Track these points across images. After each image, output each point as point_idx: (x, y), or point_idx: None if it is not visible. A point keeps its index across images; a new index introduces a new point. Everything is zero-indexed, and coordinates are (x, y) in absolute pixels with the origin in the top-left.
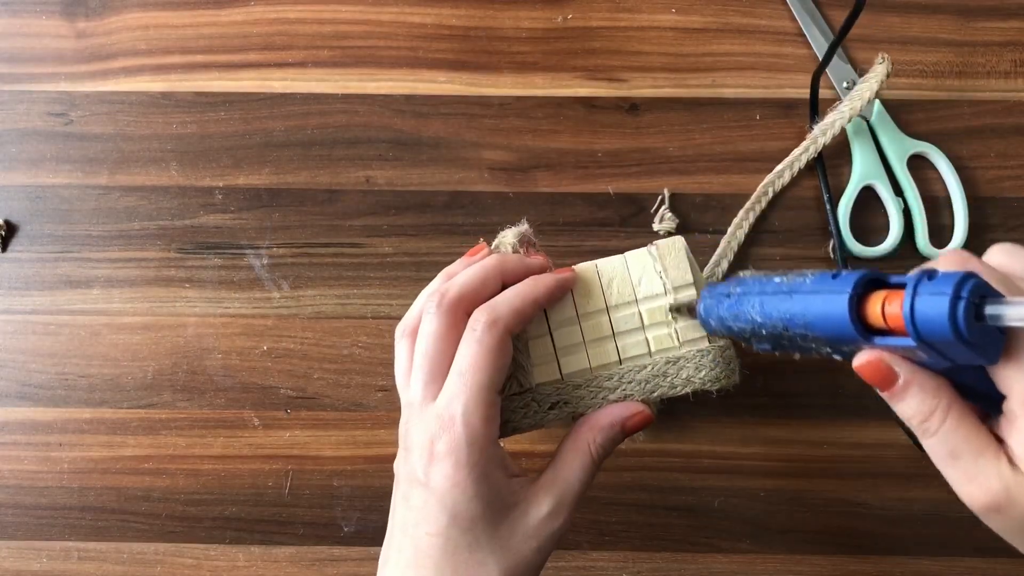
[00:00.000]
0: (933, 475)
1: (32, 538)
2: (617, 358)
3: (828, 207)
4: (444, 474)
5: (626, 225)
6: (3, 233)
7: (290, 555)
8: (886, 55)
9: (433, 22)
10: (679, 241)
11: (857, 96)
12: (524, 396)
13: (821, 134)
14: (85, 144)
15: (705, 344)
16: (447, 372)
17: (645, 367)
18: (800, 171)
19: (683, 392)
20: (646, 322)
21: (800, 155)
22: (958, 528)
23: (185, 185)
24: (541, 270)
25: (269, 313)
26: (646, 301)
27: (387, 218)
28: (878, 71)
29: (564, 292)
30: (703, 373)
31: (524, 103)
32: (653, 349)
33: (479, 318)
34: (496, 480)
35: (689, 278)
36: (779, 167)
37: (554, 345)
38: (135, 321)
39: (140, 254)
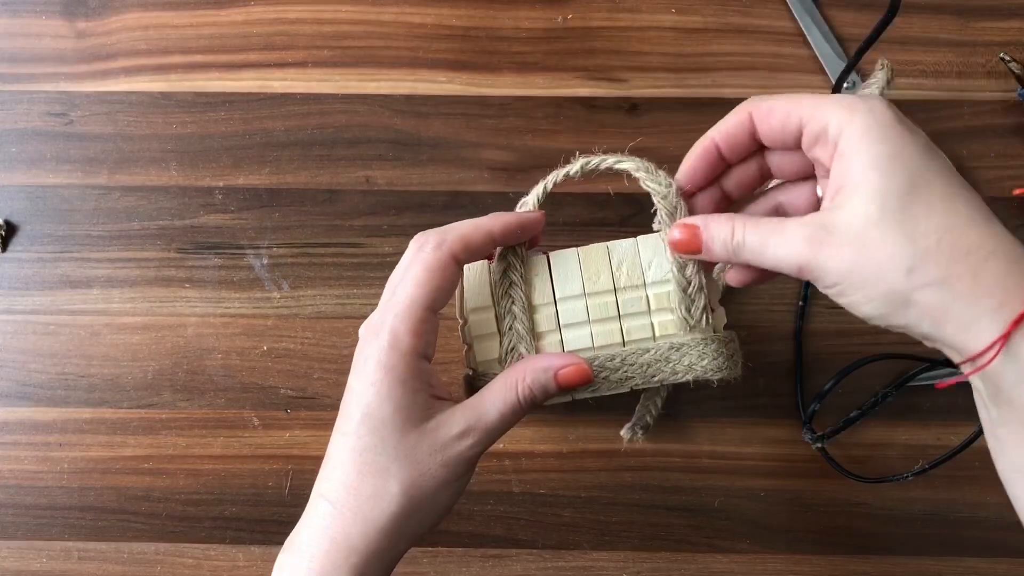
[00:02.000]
0: (933, 475)
1: (32, 538)
2: (621, 339)
3: None
4: (362, 375)
5: (626, 225)
6: (3, 233)
7: None
8: (887, 61)
9: (433, 22)
10: None
11: None
12: None
13: None
14: (85, 144)
15: (710, 333)
16: None
17: (648, 351)
18: None
19: (683, 379)
20: (652, 307)
21: None
22: (958, 528)
23: (185, 185)
24: (534, 224)
25: (269, 313)
26: (654, 286)
27: (387, 218)
28: (879, 78)
29: (525, 231)
30: (705, 362)
31: (524, 103)
32: (657, 334)
33: (427, 239)
34: (413, 390)
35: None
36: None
37: (558, 320)
38: (135, 321)
39: (140, 254)
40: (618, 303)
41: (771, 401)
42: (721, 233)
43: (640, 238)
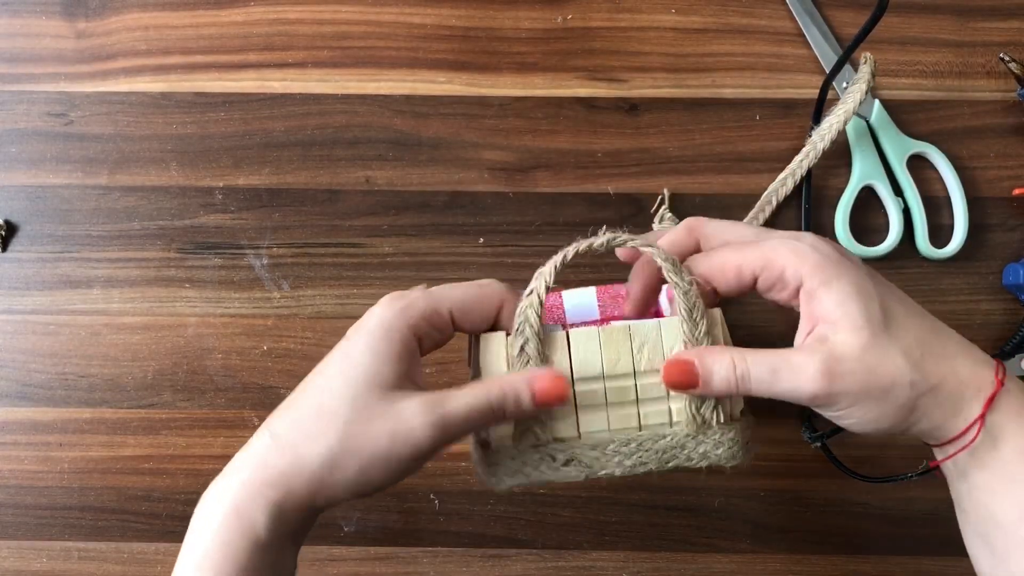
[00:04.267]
0: (933, 475)
1: (32, 538)
2: (637, 424)
3: (804, 214)
4: (361, 325)
5: (626, 225)
6: (3, 233)
7: None
8: (868, 54)
9: (433, 22)
10: (717, 314)
11: (849, 99)
12: (540, 450)
13: (820, 139)
14: (85, 144)
15: (728, 421)
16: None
17: (664, 437)
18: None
19: (697, 465)
20: (672, 392)
21: (801, 161)
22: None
23: (185, 185)
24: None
25: (269, 313)
26: None
27: (387, 218)
28: (863, 71)
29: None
30: (721, 451)
31: (524, 103)
32: (675, 420)
33: (499, 286)
34: (398, 357)
35: None
36: (781, 175)
37: (575, 401)
38: (135, 321)
39: (140, 254)
40: (637, 387)
41: (770, 401)
42: (720, 367)
43: (663, 321)
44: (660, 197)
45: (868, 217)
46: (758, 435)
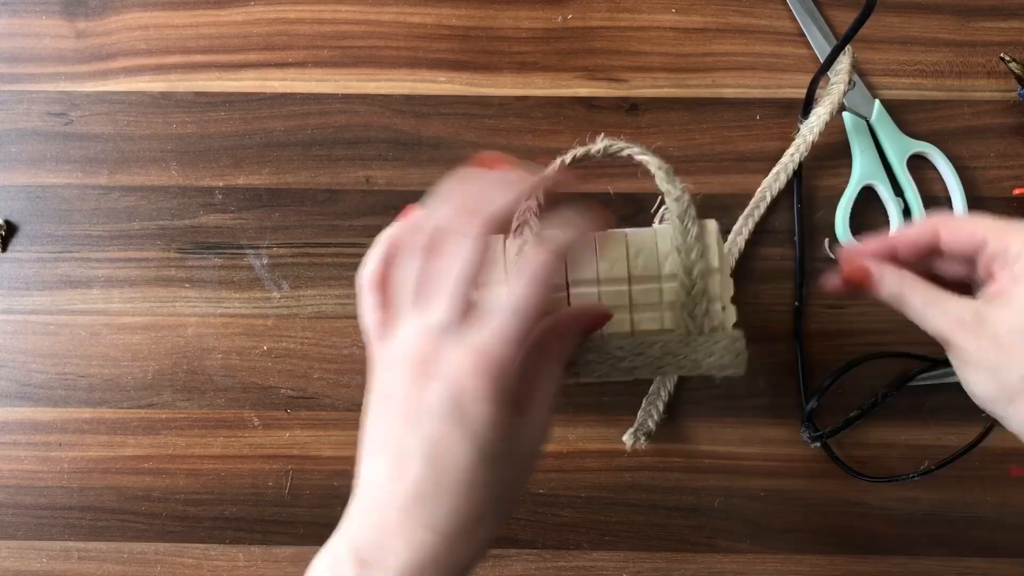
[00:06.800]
0: (934, 475)
1: (32, 538)
2: (630, 329)
3: (796, 214)
4: (482, 411)
5: (626, 225)
6: (3, 233)
7: (290, 555)
8: (849, 47)
9: (433, 22)
10: (712, 224)
11: (834, 90)
12: None
13: (809, 132)
14: (85, 144)
15: (718, 332)
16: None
17: (656, 343)
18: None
19: (689, 374)
20: (665, 299)
21: (792, 155)
22: (958, 528)
23: (185, 185)
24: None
25: (269, 313)
26: (669, 279)
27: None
28: (843, 63)
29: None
30: (712, 359)
31: (524, 103)
32: (667, 327)
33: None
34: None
35: (715, 263)
36: (774, 170)
37: (570, 304)
38: (135, 321)
39: (140, 254)
40: (631, 293)
41: (771, 401)
42: (891, 280)
43: (659, 228)
44: (660, 197)
45: (868, 217)
46: (758, 434)
